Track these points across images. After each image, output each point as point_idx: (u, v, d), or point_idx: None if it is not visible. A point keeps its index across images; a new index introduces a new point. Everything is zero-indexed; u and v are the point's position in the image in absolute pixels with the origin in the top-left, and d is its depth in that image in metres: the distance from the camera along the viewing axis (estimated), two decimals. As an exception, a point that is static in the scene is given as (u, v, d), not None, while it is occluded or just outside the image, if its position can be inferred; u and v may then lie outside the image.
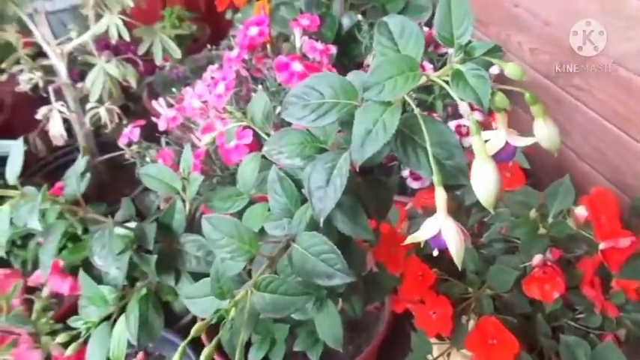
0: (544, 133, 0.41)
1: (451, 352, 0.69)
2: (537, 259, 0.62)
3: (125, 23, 0.99)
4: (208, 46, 1.42)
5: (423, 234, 0.42)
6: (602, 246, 0.61)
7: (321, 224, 0.47)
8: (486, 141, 0.48)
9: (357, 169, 0.62)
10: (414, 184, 0.93)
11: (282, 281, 0.44)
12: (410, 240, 0.43)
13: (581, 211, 0.62)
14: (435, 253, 0.45)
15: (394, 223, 0.79)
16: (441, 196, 0.43)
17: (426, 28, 1.06)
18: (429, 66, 0.95)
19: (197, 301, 0.47)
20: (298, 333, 0.73)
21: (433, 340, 0.71)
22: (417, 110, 0.43)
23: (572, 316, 0.69)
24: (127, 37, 0.91)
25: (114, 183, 1.11)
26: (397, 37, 0.46)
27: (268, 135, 0.62)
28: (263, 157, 0.61)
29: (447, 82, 0.40)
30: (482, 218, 0.76)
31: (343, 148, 0.51)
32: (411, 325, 0.72)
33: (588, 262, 0.66)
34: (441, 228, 0.41)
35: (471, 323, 0.63)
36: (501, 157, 0.48)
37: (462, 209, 0.82)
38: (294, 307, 0.44)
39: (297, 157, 0.53)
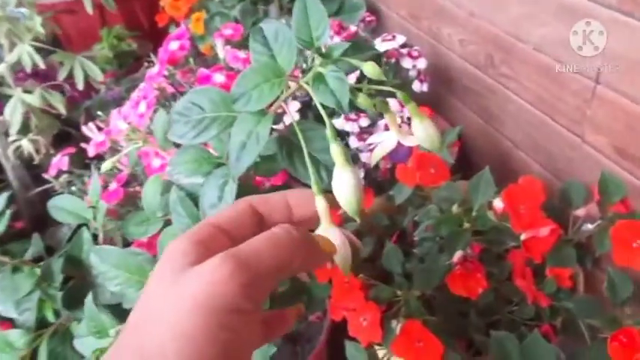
0: (421, 133, 0.39)
1: (391, 358, 0.68)
2: (458, 255, 0.60)
3: (48, 50, 0.96)
4: (145, 63, 1.39)
5: None
6: (523, 237, 0.59)
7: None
8: (379, 143, 0.46)
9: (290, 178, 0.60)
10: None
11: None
12: None
13: (498, 203, 0.61)
14: (328, 265, 0.43)
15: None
16: (322, 205, 0.40)
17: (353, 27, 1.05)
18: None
19: (82, 341, 0.44)
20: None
21: (377, 346, 0.69)
22: (293, 118, 0.42)
23: (508, 309, 0.68)
24: (41, 65, 0.88)
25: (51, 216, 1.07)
26: (272, 42, 0.44)
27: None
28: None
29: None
30: (414, 217, 0.75)
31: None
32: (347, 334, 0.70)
33: (517, 253, 0.65)
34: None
35: (398, 328, 0.61)
36: (397, 157, 0.46)
37: (400, 209, 0.80)
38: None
39: (196, 174, 0.51)
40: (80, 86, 0.96)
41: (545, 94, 0.80)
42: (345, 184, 0.35)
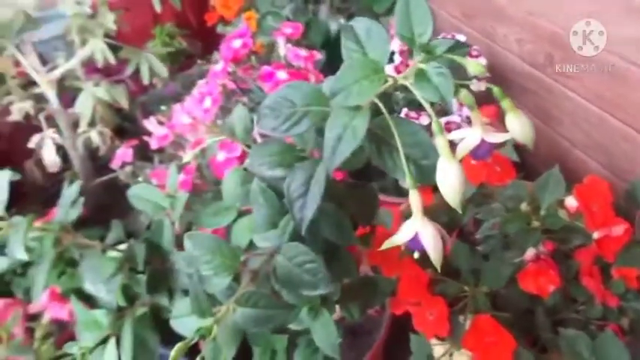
0: (516, 127, 0.41)
1: (454, 352, 0.69)
2: (530, 253, 0.61)
3: (115, 45, 1.00)
4: (199, 61, 1.42)
5: (399, 238, 0.41)
6: (595, 235, 0.60)
7: (304, 233, 0.47)
8: (463, 139, 0.47)
9: (350, 174, 0.62)
10: (406, 185, 0.92)
11: (262, 295, 0.44)
12: (388, 244, 0.42)
13: (571, 202, 0.61)
14: (416, 255, 0.45)
15: (389, 225, 0.79)
16: (415, 199, 0.42)
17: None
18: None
19: (182, 320, 0.47)
20: (297, 342, 0.72)
21: (435, 340, 0.70)
22: (386, 113, 0.43)
23: (575, 308, 0.68)
24: (112, 60, 0.92)
25: (113, 205, 1.11)
26: (364, 40, 0.46)
27: (249, 147, 0.62)
28: (246, 169, 0.61)
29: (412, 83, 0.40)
30: (476, 215, 0.76)
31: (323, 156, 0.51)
32: (411, 328, 0.71)
33: (585, 252, 0.65)
34: (418, 231, 0.41)
35: (468, 322, 0.62)
36: (478, 154, 0.47)
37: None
38: (277, 321, 0.44)
39: (278, 167, 0.53)
40: (146, 81, 1.00)
41: (607, 92, 0.79)
42: (451, 177, 0.37)
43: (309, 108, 0.48)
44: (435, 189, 0.87)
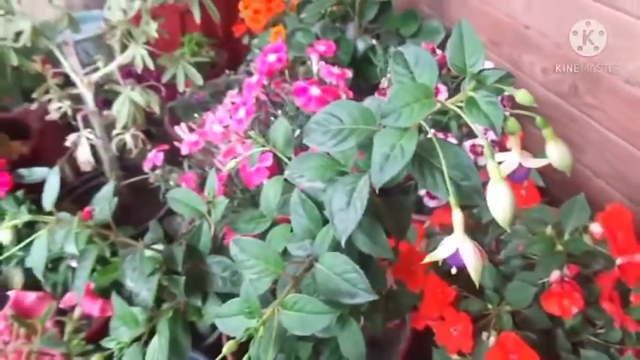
0: (555, 154, 0.43)
1: (473, 369, 0.71)
2: (555, 275, 0.63)
3: (149, 52, 1.04)
4: (227, 71, 1.46)
5: (441, 253, 0.43)
6: (619, 261, 0.62)
7: (343, 244, 0.49)
8: (500, 162, 0.50)
9: (377, 190, 0.64)
10: (430, 203, 0.95)
11: (309, 300, 0.46)
12: (429, 259, 0.45)
13: (596, 228, 0.64)
14: (454, 271, 0.47)
15: (413, 241, 0.81)
16: (458, 217, 0.44)
17: (439, 51, 1.09)
18: (442, 88, 0.97)
19: (226, 320, 0.49)
20: (321, 351, 0.74)
21: (454, 356, 0.72)
22: (432, 135, 0.46)
23: (593, 331, 0.70)
24: (151, 66, 0.95)
25: (137, 206, 1.14)
26: (412, 65, 0.49)
27: (289, 159, 0.65)
28: (285, 180, 0.64)
29: (460, 108, 0.43)
30: (500, 236, 0.78)
31: (363, 171, 0.53)
32: (432, 342, 0.73)
33: (606, 277, 0.67)
34: (459, 247, 0.43)
35: (492, 339, 0.64)
36: (515, 178, 0.50)
37: (480, 227, 0.83)
38: (320, 325, 0.46)
39: (318, 179, 0.56)
40: (181, 88, 1.03)
41: (633, 126, 0.82)
42: (502, 198, 0.39)
43: (356, 126, 0.50)
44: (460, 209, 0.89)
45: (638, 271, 0.63)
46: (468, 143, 0.92)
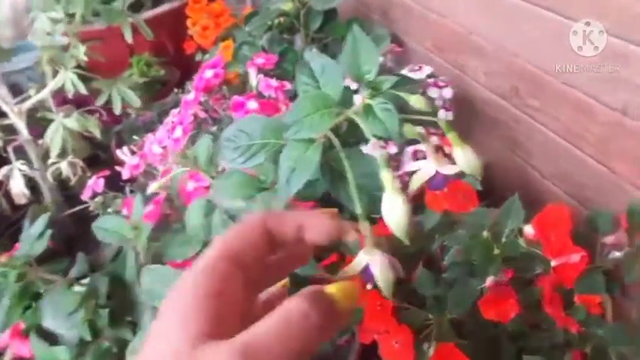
0: (461, 159, 0.42)
1: (421, 381, 0.69)
2: (490, 280, 0.61)
3: (87, 76, 1.01)
4: (175, 89, 1.43)
5: (351, 269, 0.42)
6: (554, 263, 0.61)
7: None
8: (416, 171, 0.48)
9: (318, 202, 0.62)
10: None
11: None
12: (341, 275, 0.43)
13: (529, 230, 0.63)
14: (369, 286, 0.45)
15: (356, 252, 0.79)
16: (365, 229, 0.42)
17: (381, 58, 1.08)
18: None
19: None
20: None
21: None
22: (337, 145, 0.44)
23: (538, 334, 0.69)
24: (83, 91, 0.92)
25: (83, 236, 1.10)
26: (318, 75, 0.47)
27: (213, 177, 0.63)
28: (209, 200, 0.62)
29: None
30: (443, 242, 0.76)
31: (282, 186, 0.51)
32: (379, 356, 0.71)
33: (546, 279, 0.66)
34: (368, 261, 0.41)
35: (431, 350, 0.62)
36: (433, 185, 0.48)
37: (424, 235, 0.82)
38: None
39: (239, 198, 0.54)
40: (117, 111, 1.00)
41: (574, 126, 0.81)
42: (396, 209, 0.37)
43: (266, 141, 0.48)
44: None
45: (574, 271, 0.62)
46: (410, 149, 0.90)
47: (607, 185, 0.77)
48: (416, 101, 0.38)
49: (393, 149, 0.92)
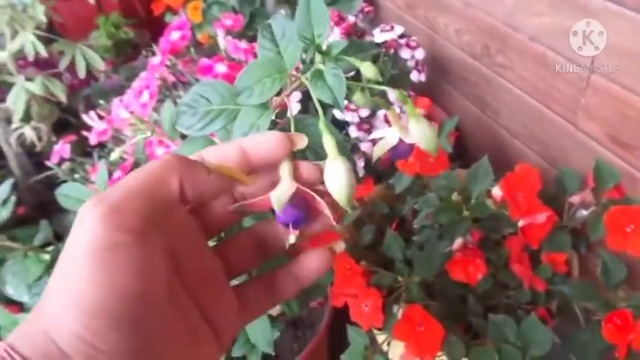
0: (415, 132, 0.40)
1: (391, 342, 0.70)
2: (458, 242, 0.62)
3: (48, 38, 0.97)
4: (144, 52, 1.39)
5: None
6: (520, 223, 0.61)
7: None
8: (381, 138, 0.48)
9: None
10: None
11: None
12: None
13: (497, 191, 0.63)
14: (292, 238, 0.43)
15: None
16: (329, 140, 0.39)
17: (352, 18, 1.06)
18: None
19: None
20: (236, 339, 0.72)
21: (376, 331, 0.71)
22: (291, 114, 0.43)
23: (505, 294, 0.70)
24: (43, 53, 0.89)
25: (54, 202, 1.08)
26: (279, 39, 0.45)
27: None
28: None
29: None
30: (414, 205, 0.77)
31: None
32: (350, 318, 0.72)
33: (514, 240, 0.67)
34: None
35: (401, 312, 0.63)
36: (398, 154, 0.47)
37: (398, 198, 0.82)
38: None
39: (201, 164, 0.52)
40: (82, 75, 0.97)
41: (541, 84, 0.81)
42: (337, 175, 0.36)
43: (225, 106, 0.47)
44: (376, 182, 0.88)
45: (541, 231, 0.63)
46: (381, 113, 0.90)
47: (574, 144, 0.78)
48: (366, 69, 0.37)
49: (364, 112, 0.91)
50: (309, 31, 0.40)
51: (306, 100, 0.89)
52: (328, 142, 0.35)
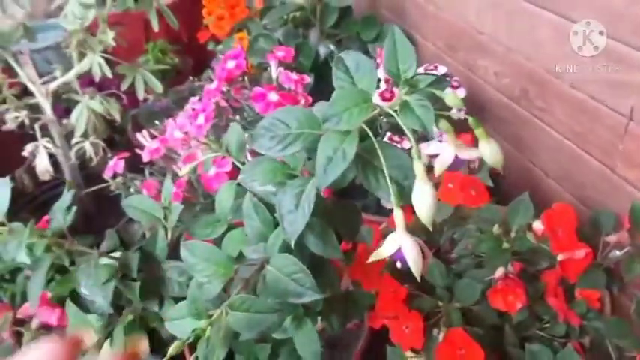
0: (487, 152, 0.45)
1: (427, 365, 0.73)
2: (499, 271, 0.65)
3: (109, 60, 1.04)
4: (191, 77, 1.46)
5: (384, 250, 0.45)
6: (559, 257, 0.65)
7: (292, 246, 0.51)
8: (437, 155, 0.52)
9: (334, 192, 0.66)
10: (388, 205, 0.97)
11: (255, 300, 0.47)
12: (373, 257, 0.46)
13: (538, 226, 0.66)
14: (399, 265, 0.49)
15: (369, 242, 0.83)
16: (399, 215, 0.46)
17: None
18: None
19: (176, 322, 0.50)
20: (279, 352, 0.75)
21: (409, 353, 0.74)
22: (373, 138, 0.48)
23: (539, 325, 0.73)
24: (109, 75, 0.95)
25: (100, 214, 1.14)
26: (353, 71, 0.50)
27: (243, 164, 0.66)
28: (239, 184, 0.65)
29: (396, 112, 0.45)
30: (453, 235, 0.80)
31: (312, 174, 0.55)
32: (387, 341, 0.75)
33: (551, 273, 0.70)
34: (401, 244, 0.45)
35: (441, 335, 0.66)
36: (452, 166, 0.52)
37: (435, 228, 0.86)
38: (266, 324, 0.47)
39: (269, 183, 0.57)
40: (140, 96, 1.04)
41: (579, 128, 0.85)
42: (426, 198, 0.41)
43: (302, 131, 0.52)
44: (414, 212, 0.92)
45: (578, 266, 0.66)
46: (424, 145, 0.94)
47: (610, 187, 0.81)
48: (451, 99, 0.42)
49: (407, 144, 0.96)
50: (395, 66, 0.45)
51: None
52: (418, 168, 0.40)
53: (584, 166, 0.87)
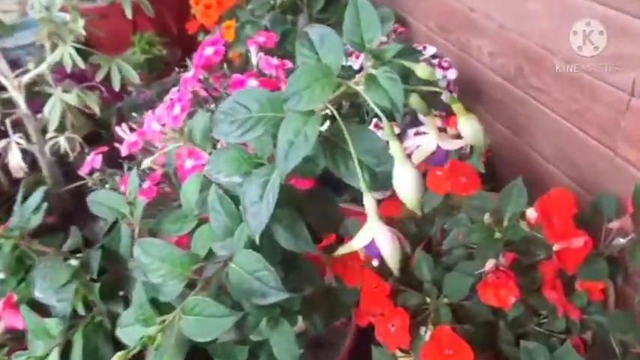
0: (467, 129, 0.41)
1: (416, 365, 0.68)
2: (490, 264, 0.60)
3: (85, 51, 0.99)
4: (176, 69, 1.42)
5: (356, 243, 0.41)
6: (556, 247, 0.60)
7: (257, 241, 0.46)
8: (418, 146, 0.47)
9: (319, 183, 0.60)
10: (377, 195, 0.92)
11: (208, 303, 0.43)
12: (343, 250, 0.42)
13: (531, 213, 0.61)
14: (375, 263, 0.44)
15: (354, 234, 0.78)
16: (369, 203, 0.42)
17: (383, 38, 1.06)
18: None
19: (126, 329, 0.45)
20: (258, 354, 0.71)
21: (399, 353, 0.69)
22: (339, 119, 0.43)
23: (537, 321, 0.67)
24: (81, 66, 0.91)
25: (80, 211, 1.09)
26: (318, 46, 0.46)
27: (210, 154, 0.61)
28: (204, 176, 0.60)
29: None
30: (444, 225, 0.75)
31: (278, 162, 0.50)
32: (374, 339, 0.70)
33: (548, 264, 0.65)
34: (374, 236, 0.40)
35: (428, 334, 0.61)
36: (434, 161, 0.47)
37: (426, 218, 0.81)
38: (221, 329, 0.42)
39: (236, 174, 0.52)
40: (116, 88, 0.99)
41: (576, 106, 0.80)
42: (407, 178, 0.36)
43: (263, 114, 0.47)
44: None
45: (577, 256, 0.61)
46: (412, 131, 0.89)
47: (611, 169, 0.76)
48: (422, 71, 0.37)
49: (397, 130, 0.91)
50: (358, 36, 0.40)
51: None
52: (395, 148, 0.35)
53: (582, 147, 0.81)
